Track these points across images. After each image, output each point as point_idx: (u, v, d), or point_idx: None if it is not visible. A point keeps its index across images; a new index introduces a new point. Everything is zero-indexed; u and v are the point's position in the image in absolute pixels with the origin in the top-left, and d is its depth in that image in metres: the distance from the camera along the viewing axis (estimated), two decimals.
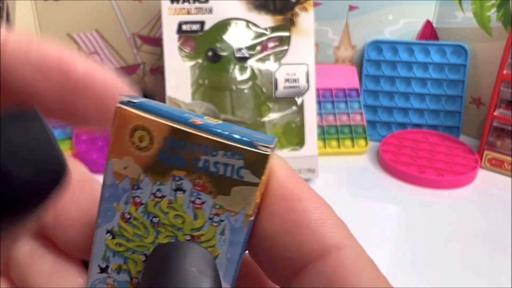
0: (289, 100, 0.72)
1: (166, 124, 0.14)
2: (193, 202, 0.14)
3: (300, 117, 0.72)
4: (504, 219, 0.65)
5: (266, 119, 0.73)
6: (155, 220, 0.15)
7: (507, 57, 0.73)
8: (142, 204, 0.15)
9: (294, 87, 0.71)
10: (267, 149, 0.14)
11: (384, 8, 0.87)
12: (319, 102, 0.85)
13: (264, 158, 0.14)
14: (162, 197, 0.15)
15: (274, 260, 0.15)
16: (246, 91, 0.72)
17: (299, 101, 0.72)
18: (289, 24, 0.71)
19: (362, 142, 0.82)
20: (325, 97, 0.87)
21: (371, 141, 0.84)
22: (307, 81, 0.71)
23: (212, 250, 0.15)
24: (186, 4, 0.68)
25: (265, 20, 0.70)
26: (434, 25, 0.88)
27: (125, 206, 0.15)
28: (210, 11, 0.69)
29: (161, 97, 0.73)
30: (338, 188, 0.72)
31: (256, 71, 0.72)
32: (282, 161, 0.16)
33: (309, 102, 0.71)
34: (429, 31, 0.89)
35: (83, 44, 0.81)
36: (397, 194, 0.71)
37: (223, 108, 0.70)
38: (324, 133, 0.83)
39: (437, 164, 0.75)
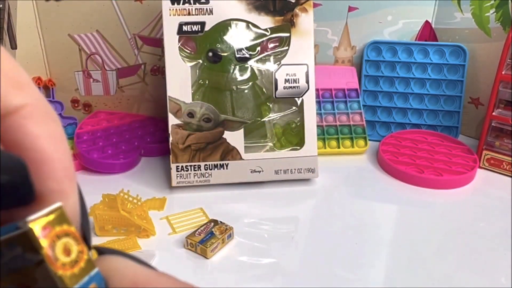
0: (289, 100, 0.73)
1: None
2: None
3: (300, 117, 0.73)
4: (503, 219, 0.65)
5: (266, 119, 0.73)
6: None
7: (506, 57, 0.73)
8: None
9: (294, 87, 0.72)
10: (25, 225, 0.14)
11: (383, 9, 0.87)
12: (319, 102, 0.85)
13: (26, 235, 0.14)
14: None
15: None
16: (246, 91, 0.72)
17: (299, 101, 0.72)
18: (289, 24, 0.71)
19: (361, 142, 0.83)
20: (324, 97, 0.87)
21: (371, 141, 0.85)
22: (307, 81, 0.72)
23: None
24: (186, 5, 0.68)
25: (265, 21, 0.71)
26: (433, 25, 0.89)
27: None
28: (211, 12, 0.69)
29: (162, 97, 0.73)
30: (337, 188, 0.73)
31: (256, 72, 0.72)
32: (118, 260, 0.17)
33: (309, 102, 0.72)
34: (428, 32, 0.89)
35: (84, 45, 0.81)
36: (396, 194, 0.71)
37: (223, 108, 0.71)
38: (324, 133, 0.83)
39: (436, 164, 0.76)
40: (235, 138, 0.70)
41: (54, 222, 0.15)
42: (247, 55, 0.71)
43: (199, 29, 0.69)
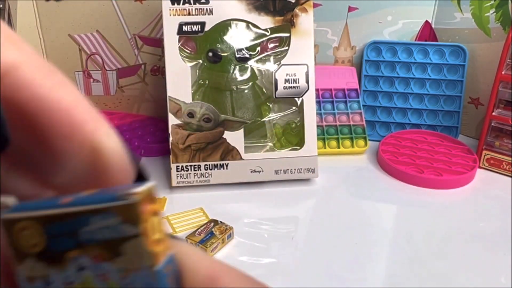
0: (289, 100, 0.73)
1: (39, 216, 0.14)
2: (99, 275, 0.15)
3: (300, 117, 0.73)
4: (503, 219, 0.65)
5: (266, 119, 0.73)
6: None
7: (506, 57, 0.73)
8: None
9: (294, 87, 0.72)
10: (132, 197, 0.14)
11: (383, 9, 0.87)
12: (319, 102, 0.85)
13: (132, 207, 0.14)
14: (72, 282, 0.15)
15: None
16: (246, 91, 0.72)
17: (299, 101, 0.72)
18: (289, 25, 0.71)
19: (361, 142, 0.83)
20: (324, 97, 0.87)
21: (371, 141, 0.85)
22: (307, 82, 0.72)
23: None
24: (186, 5, 0.68)
25: (265, 21, 0.71)
26: (433, 25, 0.89)
27: None
28: (211, 12, 0.69)
29: (162, 97, 0.73)
30: (337, 188, 0.73)
31: (256, 72, 0.72)
32: (189, 247, 0.16)
33: (309, 102, 0.72)
34: (428, 32, 0.89)
35: (84, 45, 0.81)
36: (396, 194, 0.71)
37: (223, 109, 0.71)
38: (324, 133, 0.83)
39: (436, 164, 0.76)
40: (235, 138, 0.70)
41: (150, 199, 0.15)
42: (247, 55, 0.71)
43: (199, 29, 0.69)
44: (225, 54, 0.71)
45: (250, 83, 0.72)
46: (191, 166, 0.69)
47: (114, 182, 0.15)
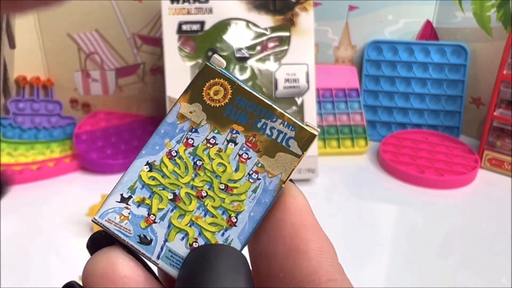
0: (289, 100, 0.72)
1: (244, 88, 0.17)
2: (240, 155, 0.17)
3: (300, 117, 0.72)
4: (504, 219, 0.65)
5: None
6: (199, 163, 0.17)
7: (507, 57, 0.73)
8: (193, 146, 0.17)
9: (294, 87, 0.71)
10: (315, 131, 0.17)
11: (384, 8, 0.87)
12: (319, 102, 0.85)
13: (312, 136, 0.17)
14: (215, 144, 0.17)
15: (269, 278, 0.16)
16: None
17: (299, 101, 0.72)
18: (289, 24, 0.71)
19: (362, 142, 0.82)
20: (325, 97, 0.87)
21: (371, 141, 0.85)
22: (307, 81, 0.71)
23: (238, 205, 0.16)
24: (186, 4, 0.68)
25: (265, 20, 0.70)
26: (434, 25, 0.88)
27: (175, 144, 0.17)
28: (210, 11, 0.69)
29: (161, 97, 0.73)
30: (338, 188, 0.72)
31: (256, 71, 0.72)
32: (299, 191, 0.18)
33: (309, 102, 0.72)
34: (429, 31, 0.89)
35: (83, 44, 0.81)
36: (397, 194, 0.71)
37: None
38: (324, 133, 0.83)
39: (437, 164, 0.75)
40: None
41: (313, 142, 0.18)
42: (247, 55, 0.71)
43: (199, 29, 0.69)
44: (225, 53, 0.70)
45: (250, 83, 0.72)
46: None
47: None
